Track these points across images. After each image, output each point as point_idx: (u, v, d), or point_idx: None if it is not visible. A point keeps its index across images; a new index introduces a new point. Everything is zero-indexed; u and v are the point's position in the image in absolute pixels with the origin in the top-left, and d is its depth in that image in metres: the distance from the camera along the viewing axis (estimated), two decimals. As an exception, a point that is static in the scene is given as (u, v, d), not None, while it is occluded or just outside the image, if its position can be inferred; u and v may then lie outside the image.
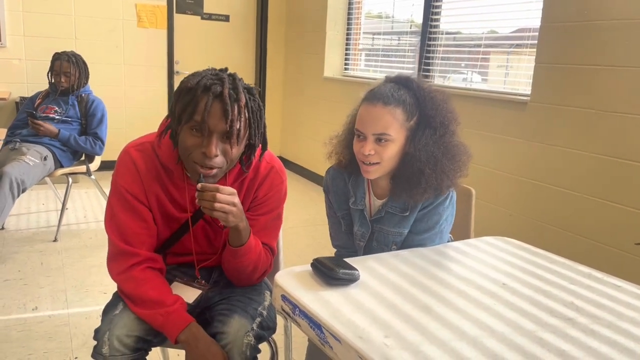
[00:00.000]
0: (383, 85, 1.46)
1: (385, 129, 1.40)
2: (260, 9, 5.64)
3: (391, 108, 1.40)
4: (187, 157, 1.29)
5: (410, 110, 1.43)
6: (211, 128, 1.24)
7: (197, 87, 1.24)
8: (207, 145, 1.25)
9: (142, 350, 1.32)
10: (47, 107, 3.45)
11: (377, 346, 0.97)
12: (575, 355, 0.98)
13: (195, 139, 1.26)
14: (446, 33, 3.87)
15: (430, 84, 1.51)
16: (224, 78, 1.27)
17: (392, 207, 1.51)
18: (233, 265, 1.43)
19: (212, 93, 1.23)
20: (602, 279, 1.35)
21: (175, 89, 1.31)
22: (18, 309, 2.51)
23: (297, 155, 5.67)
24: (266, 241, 1.49)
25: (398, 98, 1.41)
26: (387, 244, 1.54)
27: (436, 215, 1.49)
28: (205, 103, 1.23)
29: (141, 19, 5.08)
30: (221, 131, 1.25)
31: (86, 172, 3.52)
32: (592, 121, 2.67)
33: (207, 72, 1.30)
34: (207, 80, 1.25)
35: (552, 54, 2.86)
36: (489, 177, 3.24)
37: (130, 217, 1.37)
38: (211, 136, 1.25)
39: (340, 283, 1.21)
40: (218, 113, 1.23)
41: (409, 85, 1.46)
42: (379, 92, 1.43)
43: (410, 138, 1.44)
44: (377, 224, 1.54)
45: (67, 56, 3.47)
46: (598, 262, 2.63)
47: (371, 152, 1.41)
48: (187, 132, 1.26)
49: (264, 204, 1.48)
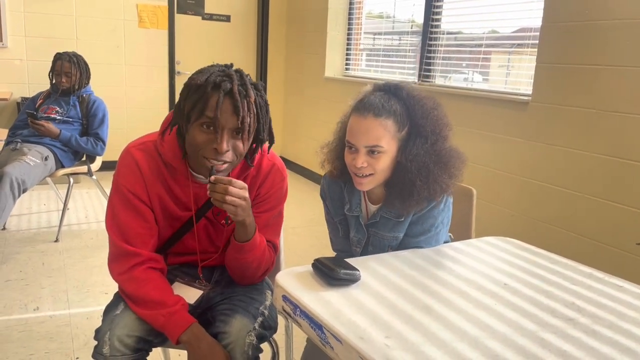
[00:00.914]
0: (372, 95, 1.44)
1: (377, 141, 1.39)
2: (261, 9, 5.64)
3: (382, 120, 1.38)
4: (196, 153, 1.29)
5: (401, 120, 1.41)
6: (222, 124, 1.25)
7: (206, 84, 1.25)
8: (219, 141, 1.26)
9: (142, 350, 1.32)
10: (49, 108, 3.45)
11: (378, 347, 0.97)
12: (576, 355, 0.97)
13: (206, 135, 1.27)
14: (447, 33, 3.86)
15: (419, 90, 1.49)
16: (232, 74, 1.28)
17: (387, 212, 1.51)
18: (238, 261, 1.43)
19: (222, 90, 1.24)
20: (604, 279, 1.35)
21: (183, 86, 1.31)
22: (19, 309, 2.52)
23: (298, 155, 5.67)
24: (270, 238, 1.50)
25: (389, 109, 1.39)
26: (383, 248, 1.54)
27: (431, 219, 1.49)
28: (216, 100, 1.24)
29: (142, 19, 5.08)
30: (232, 127, 1.26)
31: (87, 173, 3.52)
32: (594, 121, 2.67)
33: (214, 68, 1.31)
34: (216, 77, 1.26)
35: (553, 54, 2.85)
36: (490, 177, 3.24)
37: (132, 216, 1.37)
38: (222, 132, 1.26)
39: (341, 283, 1.21)
40: (229, 109, 1.25)
41: (399, 94, 1.44)
42: (369, 103, 1.41)
43: (401, 148, 1.42)
44: (372, 228, 1.54)
45: (68, 56, 3.47)
46: (599, 262, 2.62)
47: (364, 165, 1.40)
48: (197, 129, 1.27)
49: (266, 201, 1.49)
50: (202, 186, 1.42)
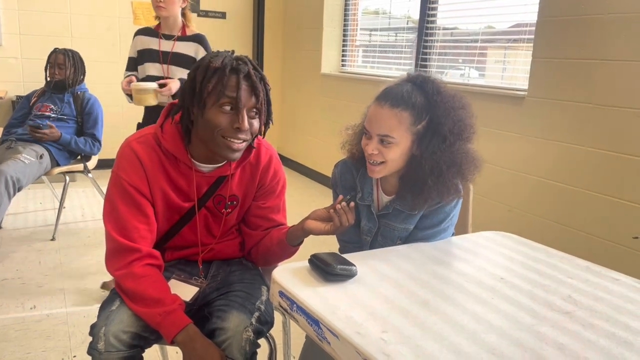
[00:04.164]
0: (398, 85, 1.44)
1: (389, 131, 1.39)
2: (257, 5, 5.63)
3: (398, 111, 1.38)
4: (215, 134, 1.33)
5: (419, 114, 1.40)
6: (243, 104, 1.31)
7: (224, 67, 1.31)
8: (241, 120, 1.32)
9: (138, 347, 1.31)
10: (43, 105, 3.43)
11: (374, 341, 0.97)
12: (573, 348, 0.97)
13: (227, 115, 1.32)
14: (443, 29, 3.86)
15: (450, 88, 1.46)
16: (244, 58, 1.35)
17: (399, 204, 1.51)
18: (275, 255, 1.55)
19: (241, 72, 1.31)
20: (600, 272, 1.35)
21: (196, 70, 1.34)
22: (16, 308, 2.51)
23: (295, 152, 5.66)
24: (284, 221, 1.61)
25: (407, 100, 1.39)
26: (393, 239, 1.54)
27: (442, 214, 1.49)
28: (236, 81, 1.30)
29: (137, 16, 5.05)
30: (251, 106, 1.34)
31: (83, 171, 3.50)
32: (590, 115, 2.67)
33: (225, 53, 1.37)
34: (231, 61, 1.32)
35: (549, 49, 2.85)
36: (486, 172, 3.21)
37: (132, 211, 1.37)
38: (242, 112, 1.32)
39: (338, 279, 1.21)
40: (248, 90, 1.32)
41: (425, 87, 1.43)
42: (391, 93, 1.41)
43: (416, 142, 1.42)
44: (384, 219, 1.54)
45: (64, 50, 3.49)
46: (596, 256, 2.63)
47: (374, 152, 1.41)
48: (217, 110, 1.32)
49: (274, 188, 1.56)
50: (204, 175, 1.45)
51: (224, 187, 1.48)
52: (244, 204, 1.55)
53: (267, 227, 1.57)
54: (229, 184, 1.48)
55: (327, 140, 4.89)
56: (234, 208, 1.53)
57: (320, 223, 1.41)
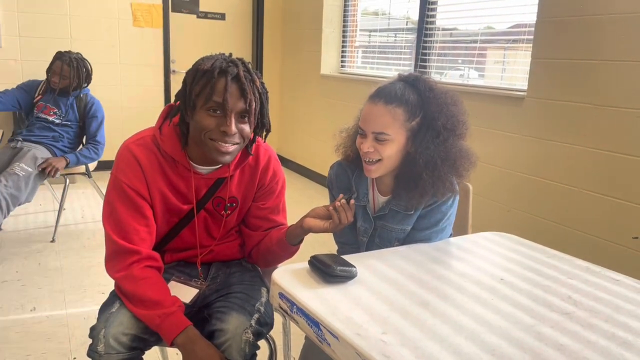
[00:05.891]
0: (391, 84, 1.46)
1: (383, 128, 1.39)
2: (256, 7, 5.63)
3: (392, 107, 1.39)
4: (203, 136, 1.32)
5: (413, 110, 1.41)
6: (230, 107, 1.29)
7: (213, 69, 1.29)
8: (228, 124, 1.29)
9: (138, 349, 1.31)
10: (46, 107, 3.43)
11: (375, 343, 0.97)
12: (573, 349, 0.97)
13: (214, 119, 1.30)
14: (442, 29, 3.86)
15: (442, 85, 1.48)
16: (236, 61, 1.33)
17: (396, 204, 1.51)
18: (276, 255, 1.54)
19: (229, 74, 1.28)
20: (600, 272, 1.35)
21: (188, 72, 1.34)
22: (16, 310, 2.51)
23: (294, 153, 5.66)
24: (284, 222, 1.60)
25: (401, 97, 1.40)
26: (390, 240, 1.54)
27: (439, 214, 1.49)
28: (224, 84, 1.28)
29: (137, 18, 5.06)
30: (239, 110, 1.31)
31: (85, 173, 3.50)
32: (589, 116, 2.67)
33: (218, 56, 1.34)
34: (222, 63, 1.30)
35: (548, 49, 2.85)
36: (486, 173, 3.24)
37: (131, 213, 1.37)
38: (230, 115, 1.29)
39: (338, 280, 1.21)
40: (236, 93, 1.29)
41: (417, 84, 1.44)
42: (384, 91, 1.42)
43: (411, 138, 1.42)
44: (380, 221, 1.54)
45: (68, 59, 3.43)
46: (596, 256, 2.63)
47: (370, 150, 1.41)
48: (205, 113, 1.30)
49: (274, 188, 1.55)
50: (202, 177, 1.44)
51: (223, 189, 1.48)
52: (243, 206, 1.55)
53: (267, 228, 1.57)
54: (228, 185, 1.48)
55: (327, 141, 4.88)
56: (234, 210, 1.53)
57: (319, 221, 1.40)
